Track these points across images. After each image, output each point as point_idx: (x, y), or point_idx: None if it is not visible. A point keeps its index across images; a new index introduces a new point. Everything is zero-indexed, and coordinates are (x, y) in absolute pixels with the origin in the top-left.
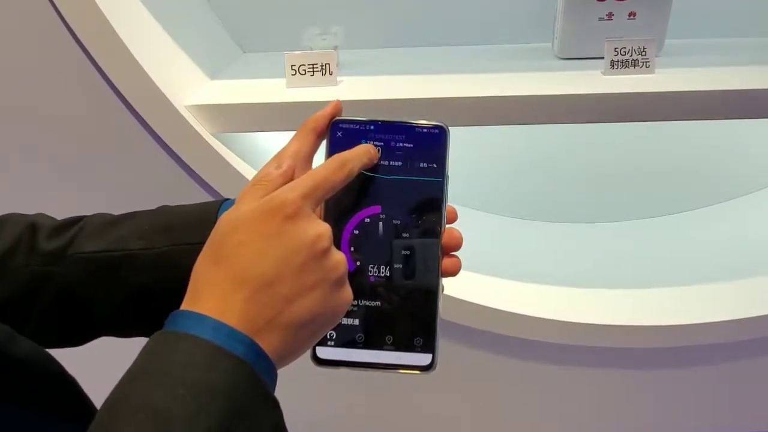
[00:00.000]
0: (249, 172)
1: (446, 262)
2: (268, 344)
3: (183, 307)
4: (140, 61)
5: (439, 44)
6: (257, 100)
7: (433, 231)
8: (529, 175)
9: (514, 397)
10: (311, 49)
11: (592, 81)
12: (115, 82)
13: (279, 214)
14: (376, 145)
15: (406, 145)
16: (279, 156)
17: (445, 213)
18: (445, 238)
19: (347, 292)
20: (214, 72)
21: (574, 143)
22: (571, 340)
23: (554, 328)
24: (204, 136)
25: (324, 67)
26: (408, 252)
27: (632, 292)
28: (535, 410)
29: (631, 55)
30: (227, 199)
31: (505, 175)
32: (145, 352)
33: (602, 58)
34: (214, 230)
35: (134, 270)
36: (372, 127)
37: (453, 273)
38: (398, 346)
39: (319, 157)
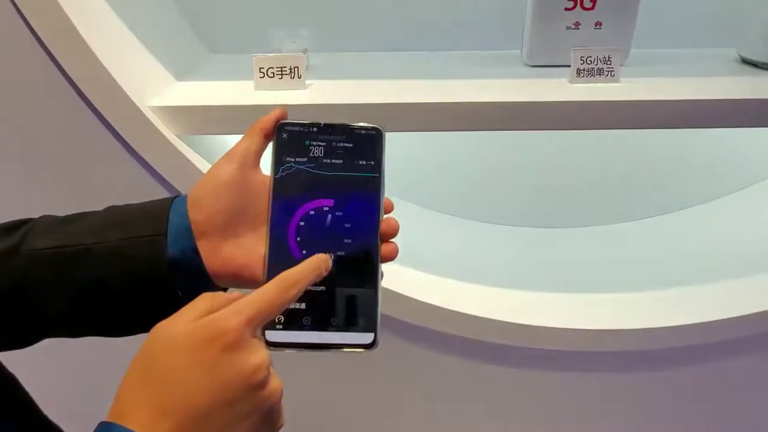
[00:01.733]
0: None
1: (384, 248)
2: None
3: (109, 418)
4: (103, 61)
5: (410, 49)
6: (224, 102)
7: (372, 220)
8: (496, 180)
9: (482, 401)
10: (280, 52)
11: (558, 89)
12: (77, 81)
13: (218, 342)
14: (318, 145)
15: (347, 144)
16: (230, 154)
17: (383, 204)
18: (383, 227)
19: (280, 419)
20: (181, 73)
21: (539, 149)
22: (531, 344)
23: (518, 331)
24: (169, 138)
25: (293, 70)
26: (349, 240)
27: (591, 297)
28: (521, 414)
29: (596, 64)
30: (178, 196)
31: (469, 179)
32: None
33: (570, 66)
34: (147, 340)
35: (88, 264)
36: (315, 129)
37: (391, 258)
38: (343, 327)
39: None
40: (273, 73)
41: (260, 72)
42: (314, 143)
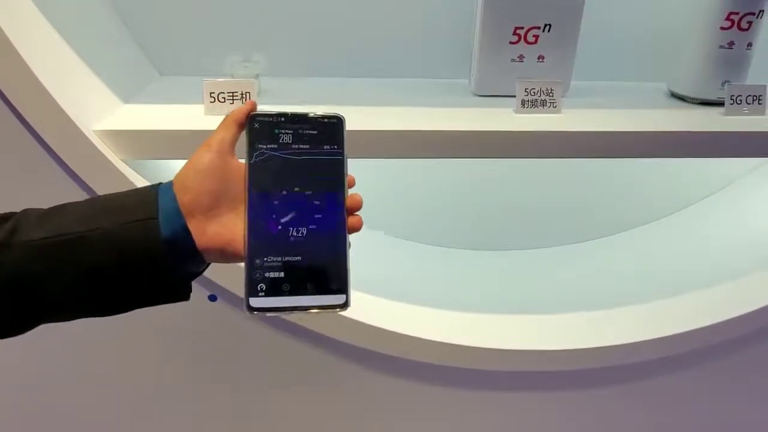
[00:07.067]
0: None
1: (350, 220)
2: None
3: None
4: (44, 83)
5: (362, 75)
6: (172, 126)
7: (338, 196)
8: (446, 203)
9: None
10: (232, 77)
11: (504, 119)
12: (16, 105)
13: None
14: (287, 133)
15: (312, 132)
16: (207, 143)
17: (347, 182)
18: (348, 202)
19: None
20: (128, 95)
21: (483, 175)
22: (472, 365)
23: (463, 353)
24: (114, 163)
25: (244, 96)
26: (320, 215)
27: (531, 318)
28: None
29: (540, 96)
30: (161, 183)
31: (417, 204)
32: None
33: (515, 96)
34: None
35: (84, 251)
36: (283, 119)
37: (356, 229)
38: (318, 291)
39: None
40: (224, 98)
41: (211, 97)
42: (283, 131)
